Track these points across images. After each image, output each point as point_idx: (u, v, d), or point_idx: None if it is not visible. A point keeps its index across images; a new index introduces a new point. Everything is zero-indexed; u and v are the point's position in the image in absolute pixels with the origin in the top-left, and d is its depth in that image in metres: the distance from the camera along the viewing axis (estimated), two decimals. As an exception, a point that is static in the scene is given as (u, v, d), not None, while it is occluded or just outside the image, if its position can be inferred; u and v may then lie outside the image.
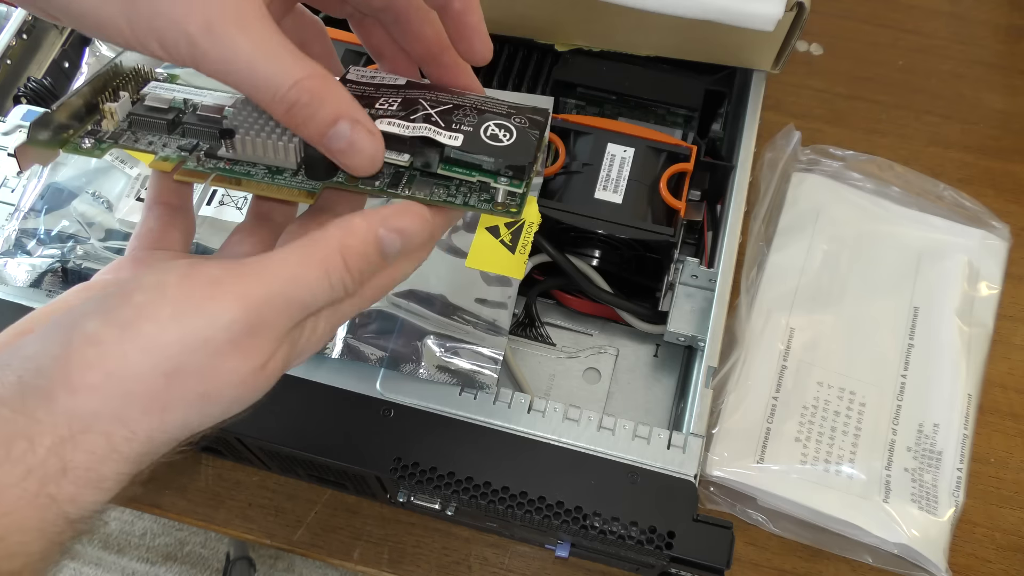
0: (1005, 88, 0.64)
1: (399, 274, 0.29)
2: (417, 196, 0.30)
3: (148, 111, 0.32)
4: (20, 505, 0.23)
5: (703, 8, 0.46)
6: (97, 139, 0.31)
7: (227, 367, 0.25)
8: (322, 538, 0.48)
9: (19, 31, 0.53)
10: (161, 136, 0.32)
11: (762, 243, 0.55)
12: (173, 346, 0.24)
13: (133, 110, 0.32)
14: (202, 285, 0.25)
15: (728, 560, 0.38)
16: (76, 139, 0.31)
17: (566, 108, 0.56)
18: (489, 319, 0.44)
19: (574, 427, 0.42)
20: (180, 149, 0.31)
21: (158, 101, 0.32)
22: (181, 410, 0.25)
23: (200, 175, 0.30)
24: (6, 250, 0.45)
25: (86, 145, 0.31)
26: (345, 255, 0.26)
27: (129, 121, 0.32)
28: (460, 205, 0.30)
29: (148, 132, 0.32)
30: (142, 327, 0.24)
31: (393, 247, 0.27)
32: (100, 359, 0.24)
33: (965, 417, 0.50)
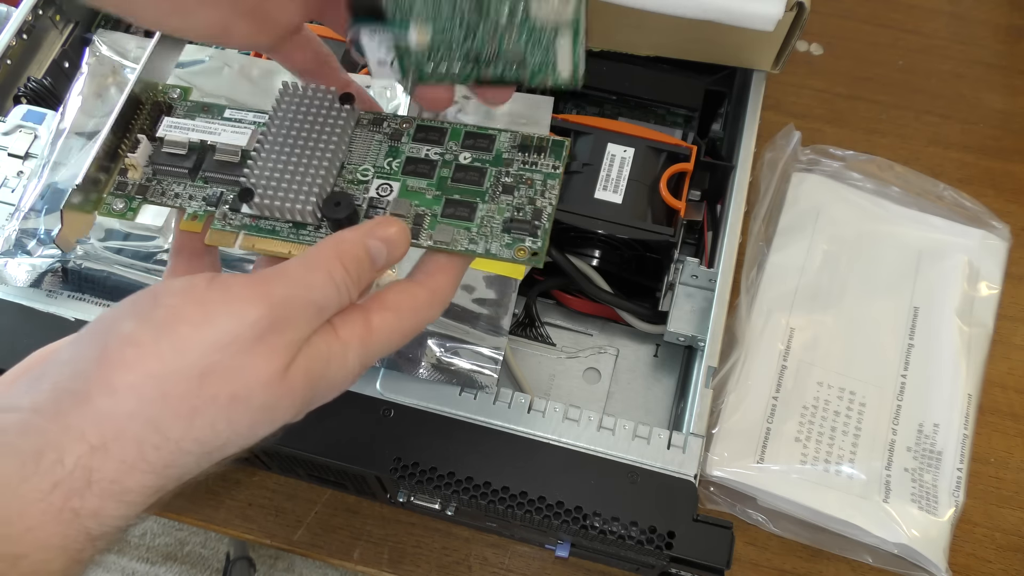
0: (1005, 88, 0.64)
1: (421, 319, 0.31)
2: (441, 242, 0.32)
3: (169, 159, 0.34)
4: (44, 520, 0.23)
5: (703, 8, 0.46)
6: (127, 196, 0.34)
7: (254, 365, 0.26)
8: (322, 538, 0.48)
9: (19, 31, 0.53)
10: (185, 185, 0.34)
11: (762, 243, 0.55)
12: (206, 344, 0.25)
13: (154, 159, 0.34)
14: (227, 287, 0.27)
15: (728, 560, 0.38)
16: (108, 199, 0.34)
17: (566, 108, 0.56)
18: (489, 319, 0.44)
19: (574, 427, 0.42)
20: (205, 201, 0.34)
21: (176, 146, 0.34)
22: (211, 414, 0.25)
23: (228, 236, 0.33)
24: (6, 250, 0.45)
25: (119, 207, 0.34)
26: (342, 260, 0.28)
27: (153, 171, 0.34)
28: (481, 253, 0.32)
29: (172, 180, 0.34)
30: (177, 328, 0.25)
31: (379, 251, 0.30)
32: (139, 359, 0.25)
33: (965, 417, 0.50)
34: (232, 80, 0.50)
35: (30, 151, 0.49)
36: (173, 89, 0.36)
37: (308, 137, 0.33)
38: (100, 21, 0.57)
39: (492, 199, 0.33)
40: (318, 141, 0.33)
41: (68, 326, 0.43)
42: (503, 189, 0.33)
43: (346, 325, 0.29)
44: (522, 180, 0.33)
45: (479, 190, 0.33)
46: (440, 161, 0.34)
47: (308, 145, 0.33)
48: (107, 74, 0.50)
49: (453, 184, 0.34)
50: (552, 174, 0.33)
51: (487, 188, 0.33)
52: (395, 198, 0.33)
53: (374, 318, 0.30)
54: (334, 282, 0.28)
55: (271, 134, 0.33)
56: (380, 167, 0.34)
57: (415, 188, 0.33)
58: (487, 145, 0.34)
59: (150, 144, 0.34)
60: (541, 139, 0.34)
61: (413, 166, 0.34)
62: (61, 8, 0.55)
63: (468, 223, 0.33)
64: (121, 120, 0.34)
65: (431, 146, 0.34)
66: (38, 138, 0.49)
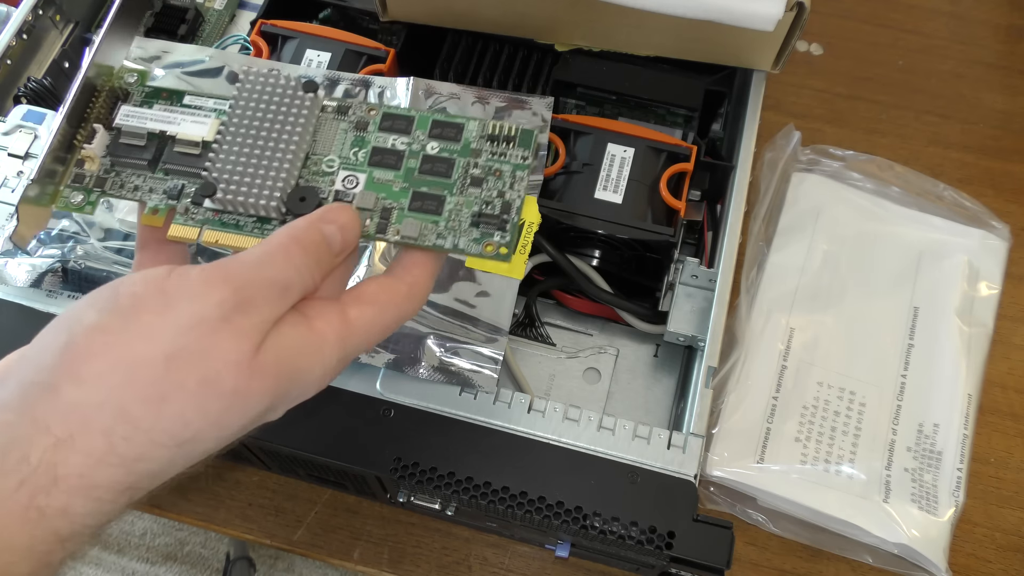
0: (1005, 88, 0.64)
1: (400, 312, 0.31)
2: (408, 236, 0.32)
3: (127, 150, 0.33)
4: (9, 521, 0.22)
5: (703, 8, 0.46)
6: (85, 188, 0.33)
7: (222, 347, 0.25)
8: (322, 538, 0.48)
9: (19, 31, 0.53)
10: (145, 177, 0.33)
11: (762, 243, 0.55)
12: (171, 329, 0.25)
13: (111, 150, 0.33)
14: (187, 274, 0.26)
15: (728, 560, 0.38)
16: (66, 192, 0.33)
17: (566, 108, 0.56)
18: (489, 319, 0.44)
19: (574, 427, 0.42)
20: (166, 194, 0.32)
21: (134, 137, 0.33)
22: (180, 401, 0.25)
23: (191, 231, 0.32)
24: (6, 250, 0.45)
25: (77, 200, 0.33)
26: (299, 243, 0.28)
27: (111, 162, 0.33)
28: (449, 248, 0.32)
29: (132, 172, 0.33)
30: (140, 315, 0.25)
31: (333, 235, 0.29)
32: (104, 348, 0.25)
33: (965, 417, 0.50)
34: (232, 79, 0.50)
35: (30, 151, 0.49)
36: (130, 73, 0.35)
37: (271, 127, 0.32)
38: (100, 21, 0.57)
39: (460, 191, 0.32)
40: (281, 131, 0.32)
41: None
42: (472, 181, 0.32)
43: (321, 317, 0.29)
44: (491, 171, 0.33)
45: (447, 182, 0.33)
46: (407, 151, 0.33)
47: (271, 136, 0.32)
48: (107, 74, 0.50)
49: (420, 176, 0.33)
50: (521, 165, 0.32)
51: (455, 180, 0.33)
52: (361, 191, 0.32)
53: (351, 311, 0.29)
54: (293, 263, 0.28)
55: (233, 124, 0.32)
56: (346, 157, 0.33)
57: (382, 180, 0.33)
58: (455, 134, 0.33)
59: (107, 134, 0.33)
60: (510, 128, 0.33)
61: (380, 156, 0.33)
62: (61, 8, 0.55)
63: (436, 217, 0.32)
64: (76, 108, 0.33)
65: (398, 135, 0.33)
66: (38, 138, 0.49)
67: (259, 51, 0.53)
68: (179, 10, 0.58)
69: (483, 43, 0.55)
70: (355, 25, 0.57)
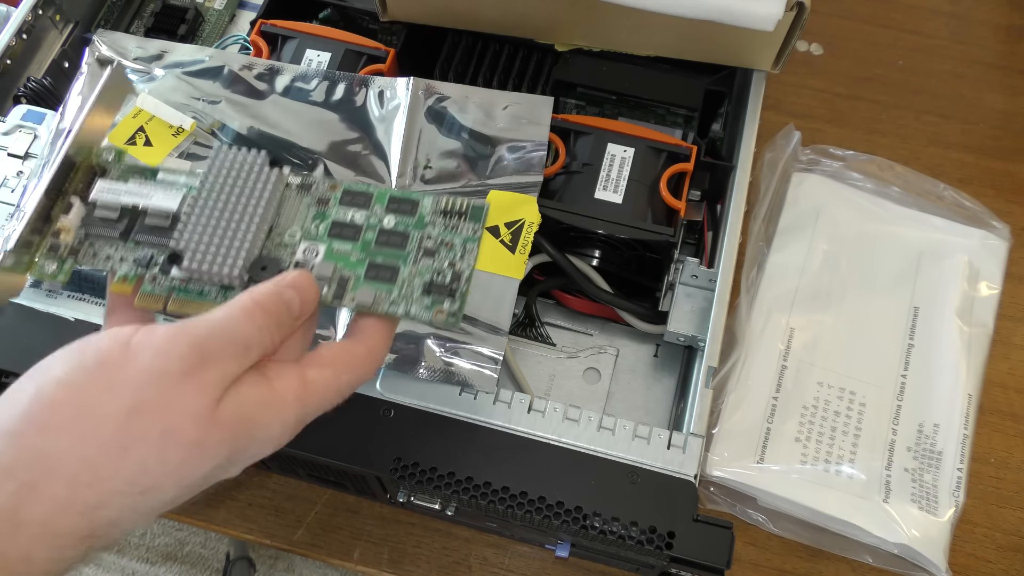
0: (1005, 88, 0.64)
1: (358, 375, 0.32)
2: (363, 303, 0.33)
3: (101, 223, 0.35)
4: None
5: (703, 8, 0.46)
6: (59, 258, 0.34)
7: (183, 400, 0.27)
8: (322, 538, 0.48)
9: (19, 31, 0.53)
10: (117, 247, 0.35)
11: (762, 243, 0.55)
12: (134, 382, 0.26)
13: (86, 224, 0.35)
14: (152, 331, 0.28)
15: (728, 560, 0.38)
16: (41, 261, 0.34)
17: (566, 108, 0.56)
18: (489, 319, 0.44)
19: (574, 427, 0.42)
20: (136, 263, 0.34)
21: (108, 210, 0.35)
22: (142, 451, 0.26)
23: (158, 299, 0.33)
24: (6, 250, 0.45)
25: (50, 269, 0.34)
26: (260, 304, 0.30)
27: (85, 233, 0.35)
28: (401, 314, 0.34)
29: (104, 243, 0.35)
30: (106, 369, 0.26)
31: (292, 299, 0.31)
32: (70, 398, 0.26)
33: (965, 417, 0.50)
34: (232, 79, 0.50)
35: (30, 151, 0.49)
36: (108, 151, 0.36)
37: (238, 200, 0.34)
38: (100, 21, 0.57)
39: (414, 262, 0.34)
40: (247, 205, 0.34)
41: (68, 326, 0.43)
42: (424, 252, 0.35)
43: (281, 378, 0.30)
44: (443, 243, 0.35)
45: (402, 253, 0.35)
46: (365, 225, 0.35)
47: (237, 208, 0.34)
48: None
49: (377, 247, 0.35)
50: (471, 238, 0.35)
51: (409, 251, 0.35)
52: (320, 261, 0.34)
53: (310, 373, 0.31)
54: (255, 323, 0.29)
55: (202, 197, 0.34)
56: (307, 230, 0.35)
57: (340, 251, 0.35)
58: (411, 209, 0.35)
59: (83, 207, 0.35)
60: (462, 203, 0.35)
61: (339, 229, 0.35)
62: (61, 8, 0.55)
63: (390, 285, 0.34)
64: (55, 182, 0.34)
65: (357, 209, 0.36)
66: (38, 138, 0.49)
67: (259, 51, 0.53)
68: (179, 10, 0.58)
69: (483, 43, 0.55)
70: (355, 25, 0.57)
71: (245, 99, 0.50)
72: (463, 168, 0.48)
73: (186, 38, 0.57)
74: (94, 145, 0.36)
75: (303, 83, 0.50)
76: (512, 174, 0.48)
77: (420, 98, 0.50)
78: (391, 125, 0.49)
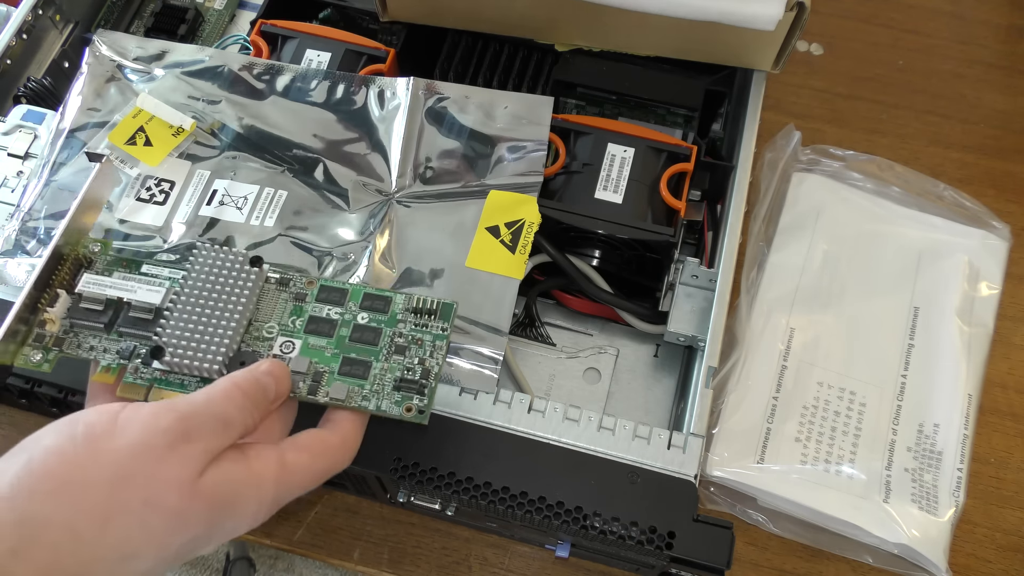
0: (1005, 88, 0.64)
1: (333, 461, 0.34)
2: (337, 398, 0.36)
3: (86, 314, 0.36)
4: None
5: (703, 9, 0.46)
6: (44, 347, 0.36)
7: (166, 472, 0.28)
8: (322, 538, 0.48)
9: (19, 31, 0.53)
10: (101, 338, 0.36)
11: (762, 243, 0.54)
12: (121, 452, 0.28)
13: (72, 313, 0.36)
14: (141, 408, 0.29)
15: (728, 560, 0.38)
16: (26, 351, 0.36)
17: (566, 108, 0.56)
18: (489, 319, 0.44)
19: (574, 427, 0.42)
20: (119, 354, 0.36)
21: (93, 302, 0.36)
22: (124, 520, 0.27)
23: (139, 389, 0.35)
24: (6, 250, 0.45)
25: (36, 359, 0.36)
26: (239, 386, 0.32)
27: (71, 324, 0.36)
28: (372, 409, 0.36)
29: (89, 334, 0.36)
30: (94, 441, 0.28)
31: (269, 384, 0.33)
32: (59, 467, 0.27)
33: (965, 417, 0.50)
34: (232, 79, 0.50)
35: (30, 151, 0.49)
36: (94, 243, 0.38)
37: (219, 297, 0.36)
38: (100, 21, 0.57)
39: (386, 359, 0.37)
40: (228, 301, 0.36)
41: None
42: (395, 349, 0.37)
43: (260, 458, 0.31)
44: (414, 340, 0.37)
45: (374, 349, 0.37)
46: (340, 320, 0.37)
47: (218, 305, 0.36)
48: (107, 74, 0.50)
49: (351, 343, 0.37)
50: (440, 335, 0.37)
51: (381, 347, 0.37)
52: (296, 356, 0.36)
53: (288, 456, 0.32)
54: (235, 403, 0.31)
55: (184, 293, 0.36)
56: (284, 325, 0.37)
57: (315, 346, 0.37)
58: (383, 307, 0.38)
59: (68, 298, 0.37)
60: (433, 302, 0.37)
61: (315, 325, 0.37)
62: (61, 8, 0.55)
63: (362, 381, 0.36)
64: (43, 275, 0.36)
65: (332, 306, 0.38)
66: (38, 138, 0.49)
67: (259, 51, 0.53)
68: (179, 10, 0.58)
69: (483, 43, 0.55)
70: (355, 25, 0.57)
71: (245, 99, 0.50)
72: (463, 168, 0.48)
73: (186, 38, 0.57)
74: (81, 237, 0.38)
75: (303, 83, 0.50)
76: (512, 174, 0.48)
77: (420, 98, 0.50)
78: (391, 125, 0.49)
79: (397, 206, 0.47)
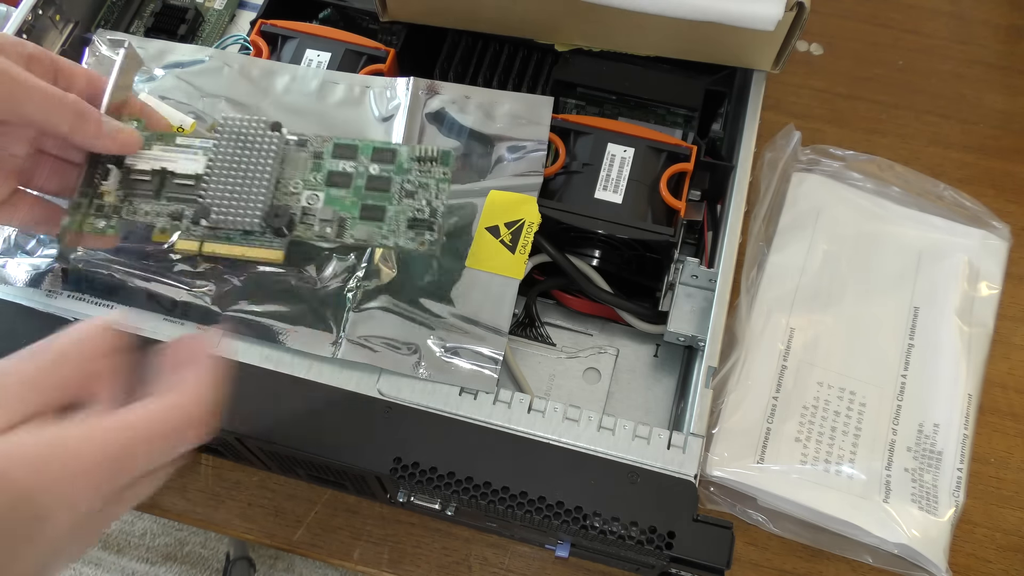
0: (1005, 88, 0.64)
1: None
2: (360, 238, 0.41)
3: (136, 184, 0.42)
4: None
5: (703, 9, 0.46)
6: (105, 215, 0.41)
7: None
8: (322, 538, 0.48)
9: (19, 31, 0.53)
10: (152, 204, 0.42)
11: (762, 243, 0.55)
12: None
13: (124, 185, 0.42)
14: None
15: (728, 560, 0.38)
16: (90, 219, 0.41)
17: (566, 108, 0.56)
18: (489, 319, 0.44)
19: (574, 427, 0.42)
20: (171, 217, 0.41)
21: (141, 173, 0.42)
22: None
23: (193, 244, 0.41)
24: (6, 249, 0.45)
25: (100, 225, 0.41)
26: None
27: (124, 194, 0.42)
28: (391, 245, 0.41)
29: (141, 200, 0.42)
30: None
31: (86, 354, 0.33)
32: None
33: (965, 417, 0.50)
34: (232, 79, 0.50)
35: (30, 151, 0.49)
36: (130, 120, 0.43)
37: (249, 160, 0.41)
38: (100, 21, 0.57)
39: (398, 202, 0.41)
40: (257, 163, 0.40)
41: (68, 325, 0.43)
42: (406, 194, 0.41)
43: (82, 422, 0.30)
44: (420, 185, 0.42)
45: (387, 195, 0.41)
46: (355, 173, 0.42)
47: (250, 167, 0.40)
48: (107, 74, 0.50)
49: (367, 191, 0.41)
50: (443, 179, 0.42)
51: (393, 193, 0.41)
52: (321, 206, 0.41)
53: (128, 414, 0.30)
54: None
55: (218, 161, 0.41)
56: (307, 180, 0.42)
57: (336, 196, 0.42)
58: (391, 158, 0.42)
59: (119, 172, 0.42)
60: (434, 150, 0.42)
61: (334, 178, 0.42)
62: (61, 8, 0.54)
63: (380, 223, 0.41)
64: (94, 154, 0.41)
65: (347, 160, 0.42)
66: (38, 138, 0.49)
67: (259, 51, 0.53)
68: (179, 10, 0.58)
69: (483, 43, 0.55)
70: (355, 25, 0.57)
71: (245, 99, 0.50)
72: (463, 168, 0.48)
73: (186, 38, 0.57)
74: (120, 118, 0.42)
75: (303, 83, 0.50)
76: (512, 174, 0.48)
77: (420, 98, 0.50)
78: (391, 125, 0.49)
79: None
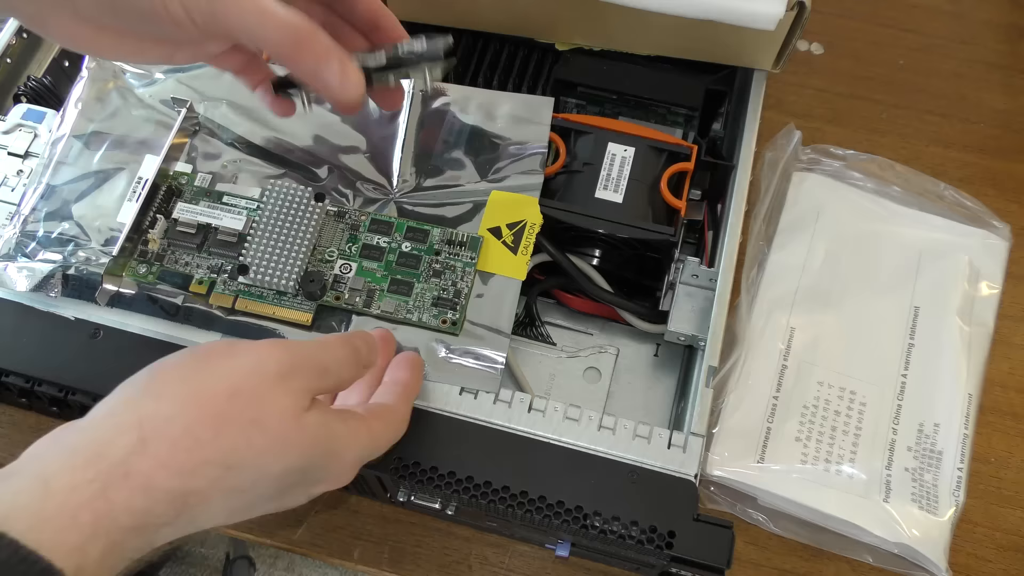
0: (1006, 88, 0.64)
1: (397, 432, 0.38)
2: (387, 311, 0.43)
3: (181, 236, 0.45)
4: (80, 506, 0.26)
5: (704, 8, 0.46)
6: (148, 262, 0.44)
7: (274, 397, 0.31)
8: (322, 538, 0.48)
9: (19, 30, 0.53)
10: (193, 255, 0.45)
11: (763, 242, 0.54)
12: (236, 371, 0.31)
13: (169, 235, 0.45)
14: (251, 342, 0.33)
15: (728, 560, 0.38)
16: (133, 264, 0.44)
17: (566, 107, 0.56)
18: (490, 319, 0.44)
19: (574, 427, 0.42)
20: (210, 269, 0.44)
21: (187, 226, 0.45)
22: (234, 430, 0.30)
23: (227, 298, 0.43)
24: (6, 253, 0.45)
25: (141, 271, 0.44)
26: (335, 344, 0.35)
27: (167, 243, 0.45)
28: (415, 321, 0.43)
29: (183, 252, 0.45)
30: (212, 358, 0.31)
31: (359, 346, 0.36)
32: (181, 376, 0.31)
33: (965, 417, 0.50)
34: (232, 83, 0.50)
35: (30, 150, 0.49)
36: (181, 176, 0.46)
37: (290, 226, 0.43)
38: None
39: (425, 280, 0.44)
40: (297, 229, 0.43)
41: (68, 325, 0.43)
42: (433, 273, 0.44)
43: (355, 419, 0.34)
44: (448, 266, 0.44)
45: (416, 272, 0.44)
46: (388, 248, 0.45)
47: (290, 232, 0.43)
48: (108, 78, 0.50)
49: (397, 267, 0.44)
50: (469, 263, 0.44)
51: (422, 271, 0.44)
52: (353, 276, 0.44)
53: (373, 423, 0.35)
54: (333, 355, 0.34)
55: (261, 222, 0.43)
56: (343, 250, 0.45)
57: (368, 268, 0.44)
58: (423, 238, 0.45)
59: (166, 222, 0.45)
60: (463, 236, 0.45)
61: (368, 251, 0.45)
62: (61, 8, 0.54)
63: (407, 298, 0.44)
64: (145, 203, 0.45)
65: (381, 236, 0.45)
66: (38, 137, 0.49)
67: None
68: (179, 10, 0.58)
69: (483, 43, 0.55)
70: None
71: (246, 102, 0.50)
72: (464, 168, 0.48)
73: (186, 38, 0.57)
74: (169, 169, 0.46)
75: (303, 83, 0.50)
76: (513, 174, 0.48)
77: (420, 98, 0.50)
78: (392, 125, 0.49)
79: (398, 207, 0.47)
